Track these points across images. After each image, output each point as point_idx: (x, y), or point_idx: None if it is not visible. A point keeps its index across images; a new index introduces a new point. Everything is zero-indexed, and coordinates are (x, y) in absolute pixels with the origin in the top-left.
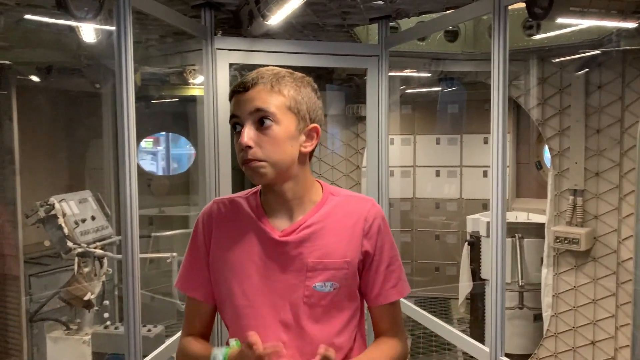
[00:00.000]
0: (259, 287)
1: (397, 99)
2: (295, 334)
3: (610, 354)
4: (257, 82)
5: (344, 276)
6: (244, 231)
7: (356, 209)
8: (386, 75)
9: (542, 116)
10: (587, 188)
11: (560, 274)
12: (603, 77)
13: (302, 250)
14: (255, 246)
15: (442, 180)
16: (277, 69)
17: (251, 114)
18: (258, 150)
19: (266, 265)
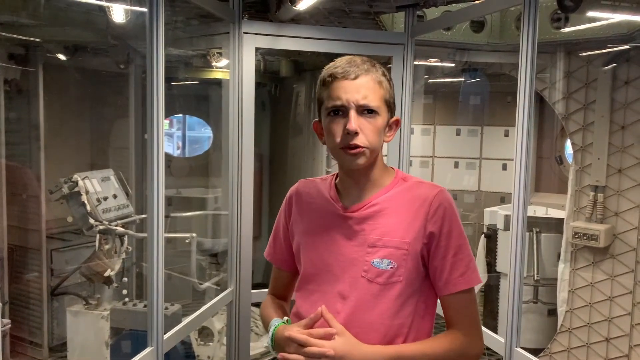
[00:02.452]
0: (323, 258)
1: (420, 89)
2: (351, 306)
3: (625, 352)
4: (364, 72)
5: (402, 256)
6: (318, 208)
7: (423, 193)
8: (411, 64)
9: (566, 110)
10: (609, 184)
11: (577, 269)
12: (631, 72)
13: (364, 226)
14: (324, 220)
15: (460, 172)
16: (366, 58)
17: (358, 102)
18: (362, 137)
19: (331, 238)
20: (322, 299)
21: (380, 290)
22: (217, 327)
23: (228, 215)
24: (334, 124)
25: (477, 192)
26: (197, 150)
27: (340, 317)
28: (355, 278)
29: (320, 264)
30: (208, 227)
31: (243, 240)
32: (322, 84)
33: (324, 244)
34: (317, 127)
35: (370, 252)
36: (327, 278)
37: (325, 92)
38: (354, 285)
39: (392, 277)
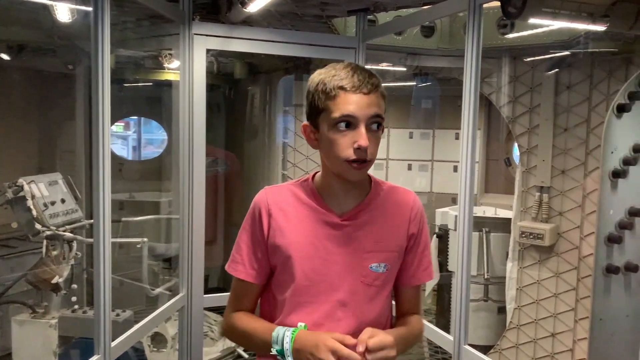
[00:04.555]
0: (318, 269)
1: None
2: (351, 312)
3: (569, 346)
4: (375, 86)
5: (394, 258)
6: (305, 217)
7: (402, 199)
8: None
9: (513, 114)
10: (553, 185)
11: (524, 267)
12: (572, 77)
13: (360, 233)
14: (316, 229)
15: (413, 174)
16: (366, 68)
17: (369, 118)
18: (369, 151)
19: (326, 247)
20: (319, 309)
21: (377, 292)
22: (171, 332)
23: (179, 219)
24: (341, 136)
25: (429, 194)
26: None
27: (343, 324)
28: (354, 284)
29: (316, 275)
30: (161, 232)
31: (195, 244)
32: (326, 93)
33: (319, 255)
34: (307, 129)
35: (368, 258)
36: (323, 288)
37: (332, 103)
38: (353, 291)
39: (387, 278)
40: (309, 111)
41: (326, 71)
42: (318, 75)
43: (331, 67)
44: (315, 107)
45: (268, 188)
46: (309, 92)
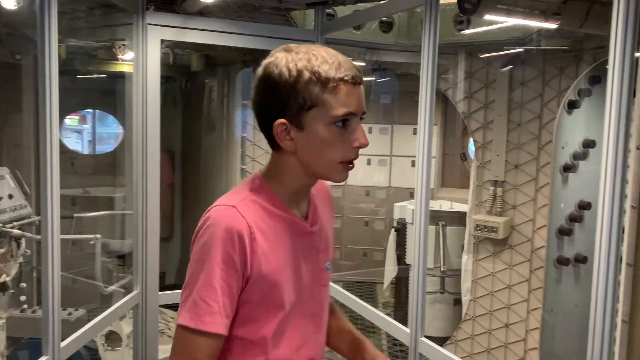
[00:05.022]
0: (296, 286)
1: None
2: (318, 321)
3: (522, 336)
4: (361, 77)
5: (333, 250)
6: (280, 231)
7: (323, 186)
8: None
9: (468, 109)
10: (507, 179)
11: (479, 260)
12: (525, 74)
13: (317, 236)
14: (294, 243)
15: (372, 169)
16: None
17: (362, 113)
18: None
19: (297, 261)
20: (300, 331)
21: (327, 293)
22: (126, 331)
23: (133, 215)
24: (339, 135)
25: (388, 188)
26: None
27: (318, 338)
28: (318, 291)
29: (295, 296)
30: (116, 228)
31: (149, 240)
32: (323, 85)
33: (294, 272)
34: (282, 129)
35: (322, 259)
36: (299, 308)
37: (332, 97)
38: (318, 298)
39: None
40: (287, 106)
41: (305, 57)
42: (293, 61)
43: (306, 51)
44: (302, 102)
45: (235, 205)
46: (285, 83)
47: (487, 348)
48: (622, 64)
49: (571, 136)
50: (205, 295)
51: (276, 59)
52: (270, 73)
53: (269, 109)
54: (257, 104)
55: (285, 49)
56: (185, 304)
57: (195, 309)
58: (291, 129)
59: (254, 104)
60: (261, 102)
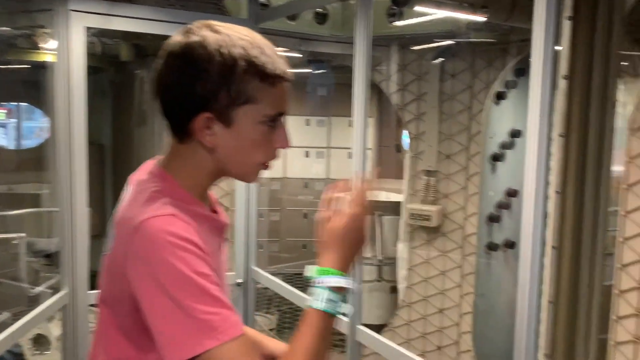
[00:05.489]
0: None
1: None
2: None
3: (456, 320)
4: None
5: None
6: (208, 231)
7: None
8: None
9: (402, 101)
10: (439, 169)
11: (414, 248)
12: (456, 66)
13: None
14: (220, 242)
15: (311, 161)
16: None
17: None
18: None
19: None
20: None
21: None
22: (55, 333)
23: (59, 212)
24: (266, 134)
25: (327, 180)
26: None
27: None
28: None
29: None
30: (43, 226)
31: (77, 238)
32: (261, 79)
33: (221, 274)
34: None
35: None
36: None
37: (269, 93)
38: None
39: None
40: (216, 98)
41: (240, 43)
42: (226, 45)
43: (238, 35)
44: (235, 96)
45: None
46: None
47: (422, 333)
48: (544, 57)
49: (499, 126)
50: (207, 306)
51: (204, 40)
52: (196, 55)
53: (189, 97)
54: (171, 90)
55: (211, 29)
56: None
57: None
58: (216, 124)
59: (163, 88)
60: (178, 88)
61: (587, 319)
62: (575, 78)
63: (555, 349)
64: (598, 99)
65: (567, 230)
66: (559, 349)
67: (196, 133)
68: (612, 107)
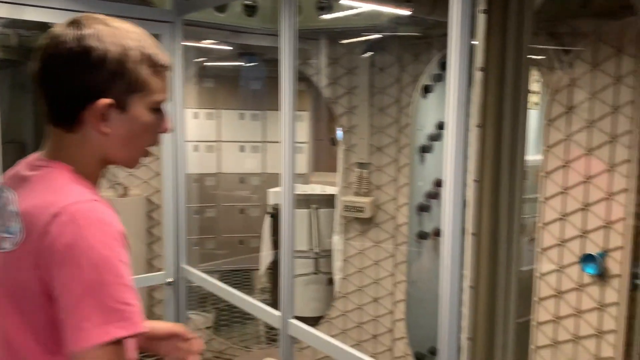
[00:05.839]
0: None
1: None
2: None
3: (390, 309)
4: None
5: None
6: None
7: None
8: (180, 45)
9: (334, 95)
10: (371, 161)
11: (348, 239)
12: (384, 60)
13: None
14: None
15: (246, 155)
16: None
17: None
18: None
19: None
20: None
21: None
22: None
23: None
24: (155, 120)
25: (262, 174)
26: None
27: None
28: None
29: None
30: None
31: None
32: (154, 68)
33: None
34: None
35: None
36: None
37: (157, 81)
38: None
39: None
40: (113, 86)
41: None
42: (120, 37)
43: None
44: (130, 83)
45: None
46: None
47: (358, 323)
48: (460, 50)
49: (427, 119)
50: (125, 297)
51: (97, 32)
52: (92, 48)
53: (84, 87)
54: (63, 80)
55: (103, 22)
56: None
57: (119, 315)
58: (112, 111)
59: (52, 78)
60: (72, 79)
61: (506, 302)
62: (490, 70)
63: (476, 331)
64: (512, 90)
65: (485, 217)
66: (479, 331)
67: (90, 121)
68: (525, 98)
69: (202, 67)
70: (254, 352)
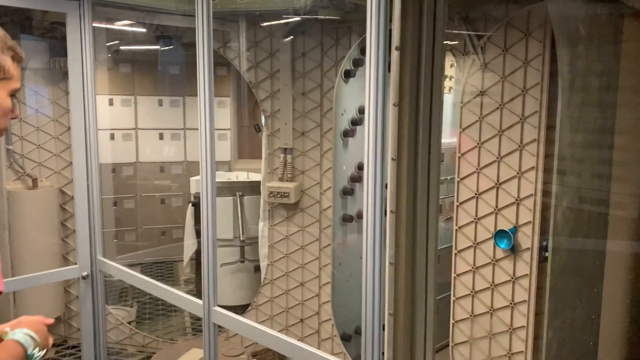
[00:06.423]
0: None
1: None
2: None
3: (316, 292)
4: None
5: None
6: None
7: None
8: (90, 25)
9: (256, 79)
10: (295, 146)
11: (274, 225)
12: (306, 44)
13: None
14: None
15: (166, 143)
16: None
17: None
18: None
19: None
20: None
21: None
22: None
23: None
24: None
25: (183, 163)
26: None
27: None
28: None
29: None
30: None
31: None
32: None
33: None
34: None
35: None
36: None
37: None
38: None
39: None
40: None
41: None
42: None
43: None
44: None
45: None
46: None
47: (285, 308)
48: (377, 29)
49: (348, 103)
50: None
51: None
52: None
53: None
54: None
55: None
56: None
57: None
58: None
59: None
60: None
61: (425, 279)
62: (406, 49)
63: (397, 307)
64: (428, 70)
65: (403, 195)
66: (400, 307)
67: None
68: (440, 77)
69: (116, 51)
70: (179, 344)
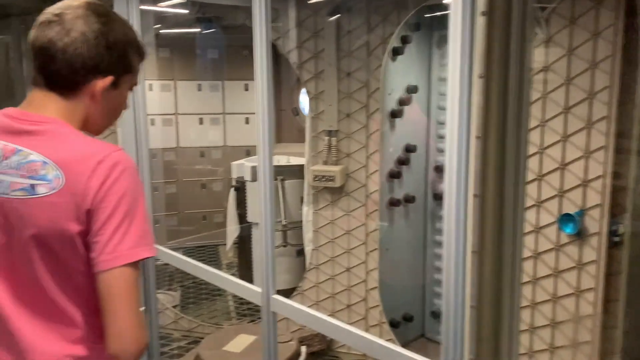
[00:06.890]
0: None
1: (152, 40)
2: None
3: (363, 277)
4: None
5: None
6: None
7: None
8: (137, 9)
9: (300, 59)
10: (340, 128)
11: (319, 209)
12: (352, 22)
13: None
14: None
15: (205, 128)
16: None
17: None
18: None
19: None
20: None
21: None
22: None
23: None
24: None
25: (224, 147)
26: None
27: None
28: None
29: None
30: None
31: None
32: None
33: None
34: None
35: None
36: None
37: (139, 67)
38: None
39: None
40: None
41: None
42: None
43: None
44: (126, 65)
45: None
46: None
47: (331, 293)
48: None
49: (396, 83)
50: (148, 227)
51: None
52: (110, 30)
53: (96, 65)
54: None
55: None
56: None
57: (147, 239)
58: (110, 86)
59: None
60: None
61: (511, 270)
62: (495, 13)
63: (481, 301)
64: (517, 36)
65: (490, 177)
66: (485, 301)
67: (90, 91)
68: (528, 44)
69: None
70: (225, 329)
